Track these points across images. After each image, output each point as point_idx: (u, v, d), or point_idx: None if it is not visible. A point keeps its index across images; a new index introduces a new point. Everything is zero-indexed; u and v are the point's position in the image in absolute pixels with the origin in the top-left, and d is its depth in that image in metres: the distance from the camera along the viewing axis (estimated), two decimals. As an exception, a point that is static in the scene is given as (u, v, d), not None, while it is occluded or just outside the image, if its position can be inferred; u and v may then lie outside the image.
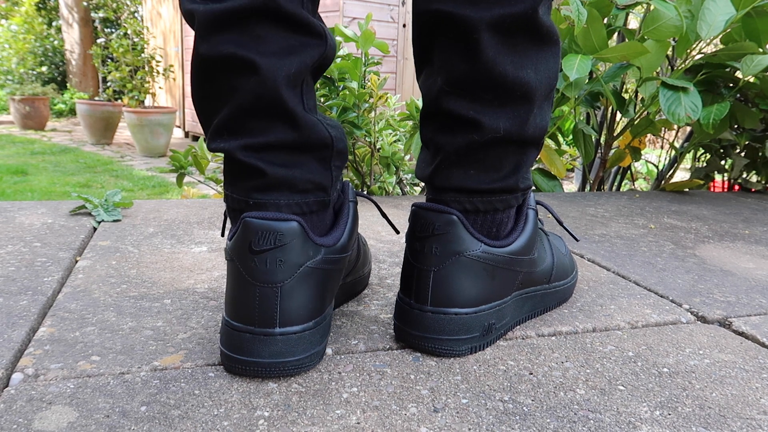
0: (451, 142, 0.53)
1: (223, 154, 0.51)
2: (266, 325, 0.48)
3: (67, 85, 6.88)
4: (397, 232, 0.65)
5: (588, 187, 1.70)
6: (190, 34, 5.64)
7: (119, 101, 5.04)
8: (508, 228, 0.58)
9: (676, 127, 1.64)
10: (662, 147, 1.91)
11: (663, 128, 1.60)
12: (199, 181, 1.49)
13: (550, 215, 0.64)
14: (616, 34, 1.46)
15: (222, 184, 1.46)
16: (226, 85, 0.48)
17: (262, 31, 0.47)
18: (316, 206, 0.53)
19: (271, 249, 0.48)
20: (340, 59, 1.30)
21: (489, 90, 0.51)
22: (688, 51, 1.36)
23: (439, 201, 0.55)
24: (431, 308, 0.53)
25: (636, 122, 1.47)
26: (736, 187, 1.75)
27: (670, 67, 1.50)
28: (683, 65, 1.40)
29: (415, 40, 0.55)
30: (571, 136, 1.92)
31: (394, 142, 1.45)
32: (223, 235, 0.60)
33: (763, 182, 1.69)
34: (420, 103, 1.35)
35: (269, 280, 0.48)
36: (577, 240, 0.69)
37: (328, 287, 0.52)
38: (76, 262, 0.76)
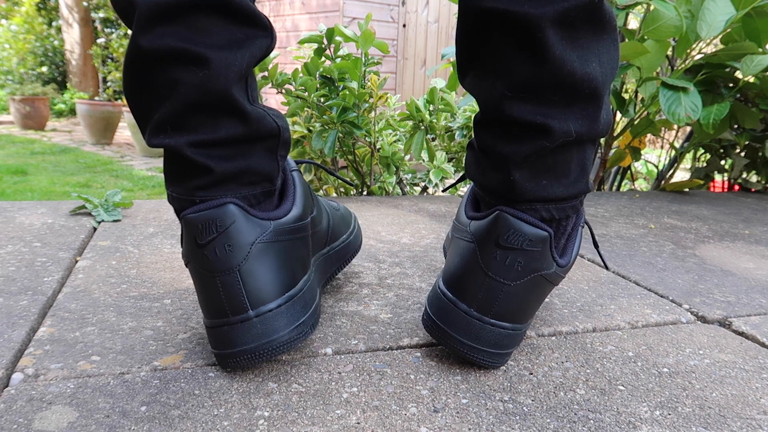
0: (518, 151, 0.49)
1: (163, 150, 0.49)
2: (239, 312, 0.47)
3: (67, 85, 6.87)
4: (358, 189, 0.65)
5: (588, 187, 1.70)
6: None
7: (119, 101, 5.04)
8: (566, 239, 0.55)
9: (676, 127, 1.64)
10: (662, 147, 1.91)
11: (663, 128, 1.60)
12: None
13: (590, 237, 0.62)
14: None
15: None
16: (168, 78, 0.46)
17: (207, 23, 0.45)
18: (263, 197, 0.52)
19: (216, 237, 0.47)
20: (340, 59, 1.30)
21: (557, 91, 0.47)
22: (688, 51, 1.36)
23: (522, 210, 0.51)
24: (493, 321, 0.50)
25: (636, 122, 1.47)
26: (736, 187, 1.75)
27: (670, 67, 1.50)
28: (683, 65, 1.40)
29: (461, 39, 0.51)
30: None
31: (394, 142, 1.45)
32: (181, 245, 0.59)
33: (763, 182, 1.69)
34: (420, 103, 1.35)
35: (224, 267, 0.47)
36: (607, 269, 0.65)
37: (293, 259, 0.51)
38: (76, 262, 0.76)
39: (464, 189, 1.70)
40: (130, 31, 0.47)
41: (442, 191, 0.67)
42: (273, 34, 0.50)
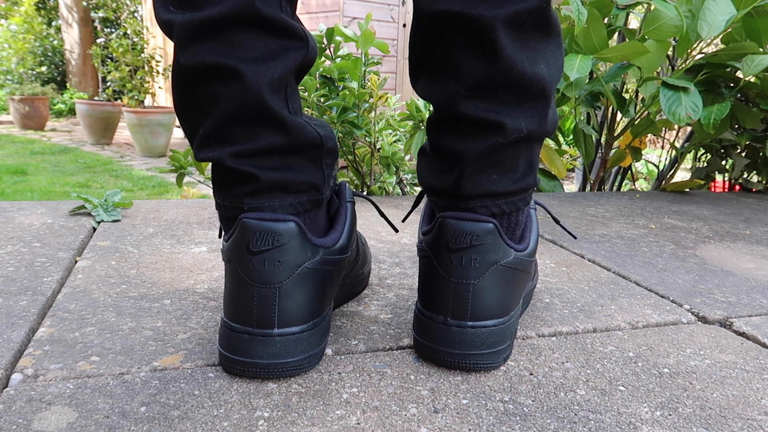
0: (473, 147, 0.51)
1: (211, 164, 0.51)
2: (265, 326, 0.48)
3: (67, 85, 6.87)
4: (396, 230, 0.65)
5: (588, 187, 1.70)
6: (190, 34, 5.62)
7: (119, 101, 5.04)
8: (521, 229, 0.57)
9: (676, 127, 1.64)
10: (663, 147, 1.91)
11: (663, 128, 1.60)
12: (198, 181, 1.49)
13: (549, 215, 0.64)
14: (616, 33, 1.46)
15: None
16: (209, 94, 0.48)
17: (242, 38, 0.47)
18: (310, 205, 0.52)
19: (269, 250, 0.47)
20: (340, 59, 1.30)
21: (508, 90, 0.49)
22: (689, 51, 1.36)
23: (464, 209, 0.53)
24: (471, 323, 0.51)
25: (636, 122, 1.47)
26: (737, 187, 1.75)
27: (670, 67, 1.50)
28: (684, 65, 1.40)
29: (416, 43, 0.52)
30: (571, 136, 1.92)
31: (394, 142, 1.45)
32: (220, 236, 0.60)
33: (764, 182, 1.69)
34: (420, 104, 1.34)
35: (267, 280, 0.48)
36: (575, 238, 0.68)
37: (327, 288, 0.52)
38: (76, 262, 0.76)
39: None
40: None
41: (401, 221, 0.69)
42: (309, 44, 0.50)
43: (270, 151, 0.49)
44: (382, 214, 0.64)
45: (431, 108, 1.36)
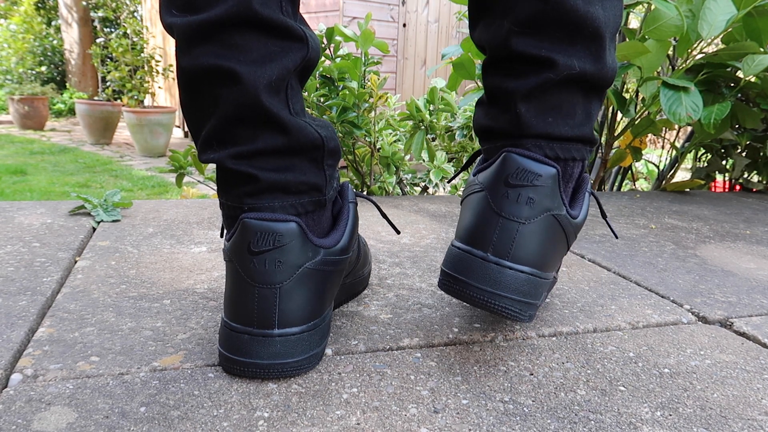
0: (525, 84, 0.51)
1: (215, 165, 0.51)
2: (265, 326, 0.48)
3: (67, 84, 6.87)
4: (398, 232, 0.65)
5: (588, 187, 1.70)
6: (190, 33, 5.62)
7: (118, 101, 5.04)
8: (573, 183, 0.55)
9: (677, 127, 1.64)
10: (663, 147, 1.91)
11: (664, 128, 1.60)
12: (198, 181, 1.49)
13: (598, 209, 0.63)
14: (616, 33, 1.46)
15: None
16: (210, 96, 0.48)
17: (241, 40, 0.47)
18: (312, 206, 0.52)
19: (270, 250, 0.47)
20: (339, 59, 1.30)
21: (560, 27, 0.49)
22: (689, 51, 1.36)
23: (517, 146, 0.52)
24: (511, 263, 0.49)
25: (637, 122, 1.47)
26: (737, 187, 1.74)
27: (671, 67, 1.50)
28: (684, 65, 1.40)
29: None
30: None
31: (394, 142, 1.45)
32: (222, 236, 0.60)
33: (765, 182, 1.68)
34: (420, 103, 1.34)
35: (268, 281, 0.48)
36: (617, 237, 0.66)
37: (328, 289, 0.52)
38: (76, 262, 0.75)
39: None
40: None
41: (448, 181, 0.68)
42: (309, 45, 0.51)
43: (270, 152, 0.49)
44: (384, 216, 0.64)
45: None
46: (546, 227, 0.50)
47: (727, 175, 1.74)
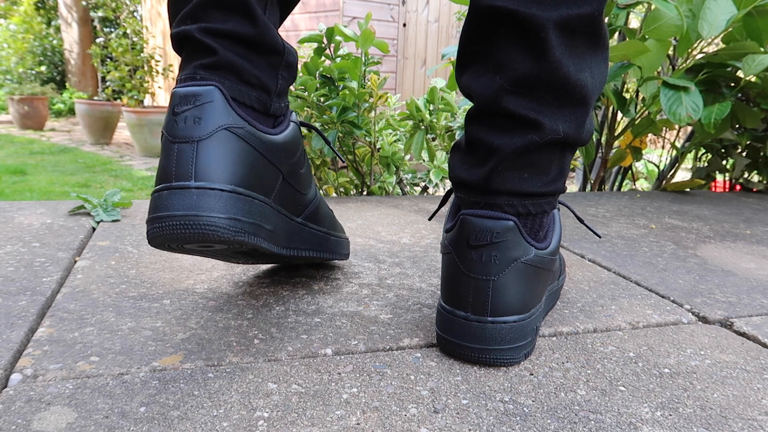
0: (509, 143, 0.52)
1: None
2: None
3: (66, 84, 6.87)
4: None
5: (589, 187, 1.70)
6: (190, 33, 5.62)
7: (118, 101, 5.04)
8: (544, 231, 0.58)
9: (677, 126, 1.64)
10: (663, 147, 1.91)
11: (664, 128, 1.59)
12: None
13: (572, 214, 0.64)
14: (617, 33, 1.46)
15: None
16: None
17: None
18: (257, 104, 0.55)
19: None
20: (340, 59, 1.30)
21: (551, 91, 0.51)
22: (689, 50, 1.36)
23: (490, 206, 0.54)
24: (491, 319, 0.52)
25: (637, 122, 1.47)
26: (738, 187, 1.74)
27: (671, 67, 1.50)
28: (684, 65, 1.40)
29: (468, 35, 0.54)
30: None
31: (394, 142, 1.45)
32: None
33: (765, 182, 1.68)
34: (420, 103, 1.34)
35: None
36: (599, 237, 0.69)
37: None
38: (75, 262, 0.75)
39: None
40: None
41: (428, 220, 0.70)
42: None
43: (235, 37, 0.53)
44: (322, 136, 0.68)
45: (460, 110, 1.36)
46: (517, 275, 0.52)
47: (727, 175, 1.74)
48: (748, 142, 1.60)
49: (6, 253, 0.76)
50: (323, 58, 1.30)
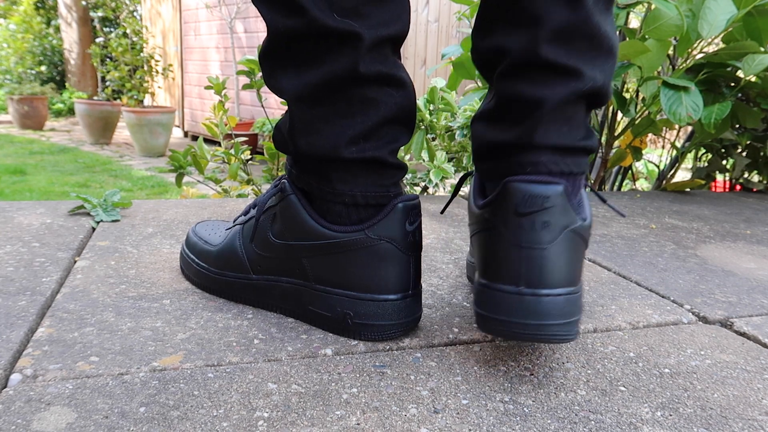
0: (553, 93, 0.51)
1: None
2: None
3: (66, 84, 6.87)
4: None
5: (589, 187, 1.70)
6: (189, 33, 5.63)
7: (118, 101, 5.04)
8: (578, 199, 0.55)
9: (677, 126, 1.64)
10: (663, 147, 1.91)
11: (664, 128, 1.59)
12: (198, 181, 1.49)
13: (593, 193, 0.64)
14: (617, 33, 1.46)
15: (221, 184, 1.46)
16: (369, 99, 0.56)
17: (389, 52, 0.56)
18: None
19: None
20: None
21: (586, 39, 0.51)
22: (690, 50, 1.36)
23: (535, 167, 0.52)
24: (546, 291, 0.48)
25: (637, 122, 1.47)
26: (738, 187, 1.74)
27: (671, 67, 1.50)
28: (684, 64, 1.40)
29: None
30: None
31: (394, 141, 1.45)
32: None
33: (765, 182, 1.68)
34: (420, 103, 1.34)
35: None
36: (623, 216, 0.66)
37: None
38: (75, 262, 0.75)
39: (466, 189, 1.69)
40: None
41: (441, 212, 0.69)
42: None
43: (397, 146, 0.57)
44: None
45: (475, 106, 1.36)
46: (568, 244, 0.49)
47: (727, 174, 1.74)
48: (748, 142, 1.60)
49: (6, 253, 0.76)
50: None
